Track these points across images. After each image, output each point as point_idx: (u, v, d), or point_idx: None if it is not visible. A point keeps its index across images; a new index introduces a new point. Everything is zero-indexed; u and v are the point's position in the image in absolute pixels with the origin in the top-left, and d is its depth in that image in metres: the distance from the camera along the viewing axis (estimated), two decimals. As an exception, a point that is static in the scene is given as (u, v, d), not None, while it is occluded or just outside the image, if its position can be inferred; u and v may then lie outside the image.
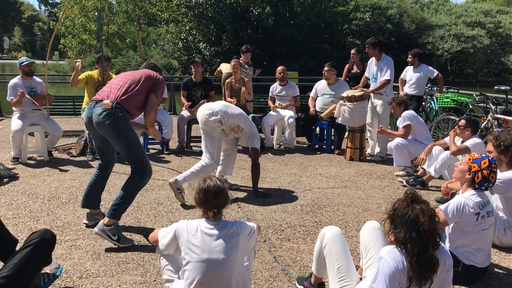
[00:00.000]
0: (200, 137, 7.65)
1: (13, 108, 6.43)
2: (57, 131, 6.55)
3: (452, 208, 3.09)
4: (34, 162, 6.42)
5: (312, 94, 7.88)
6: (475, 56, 32.66)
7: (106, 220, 3.69)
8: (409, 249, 2.26)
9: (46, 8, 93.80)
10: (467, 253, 3.17)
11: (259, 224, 3.76)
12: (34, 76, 6.61)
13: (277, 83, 8.00)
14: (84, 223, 4.14)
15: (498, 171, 3.83)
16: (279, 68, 7.95)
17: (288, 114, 7.60)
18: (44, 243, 2.74)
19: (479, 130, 6.46)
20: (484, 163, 3.13)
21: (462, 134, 5.28)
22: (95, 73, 6.82)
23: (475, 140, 5.19)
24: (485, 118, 7.40)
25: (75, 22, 38.07)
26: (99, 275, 3.25)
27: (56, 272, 3.02)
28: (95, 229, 3.70)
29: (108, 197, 4.91)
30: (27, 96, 6.20)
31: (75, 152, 6.90)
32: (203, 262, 2.49)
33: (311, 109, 7.67)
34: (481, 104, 7.85)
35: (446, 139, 5.65)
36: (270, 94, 8.09)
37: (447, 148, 5.47)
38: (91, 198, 4.11)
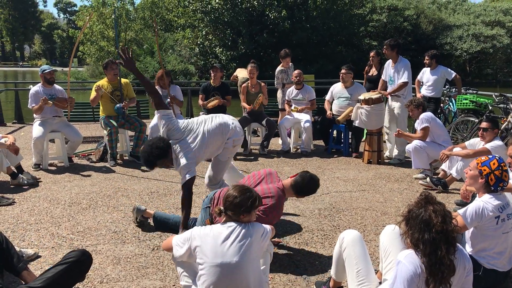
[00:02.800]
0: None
1: (34, 115, 6.55)
2: (77, 137, 6.65)
3: (471, 212, 3.05)
4: (55, 168, 6.53)
5: (327, 97, 7.87)
6: (494, 56, 32.15)
7: None
8: (422, 250, 2.27)
9: (65, 16, 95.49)
10: (488, 257, 3.13)
11: (273, 227, 3.77)
12: (54, 84, 6.74)
13: (293, 86, 8.00)
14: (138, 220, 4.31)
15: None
16: (295, 71, 7.95)
17: (304, 118, 7.58)
18: (80, 263, 2.82)
19: (499, 131, 6.37)
20: (494, 164, 3.08)
21: (490, 135, 5.13)
22: (105, 81, 6.89)
23: (496, 142, 5.08)
24: (505, 119, 7.29)
25: (94, 29, 38.60)
26: (120, 280, 3.29)
27: None
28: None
29: (127, 202, 4.97)
30: (49, 101, 6.34)
31: (94, 158, 6.99)
32: (217, 266, 2.51)
33: (328, 112, 7.66)
34: (501, 105, 7.74)
35: (467, 143, 5.57)
36: (286, 98, 8.09)
37: None
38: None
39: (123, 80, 6.97)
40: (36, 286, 2.63)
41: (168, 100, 7.17)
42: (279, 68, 8.46)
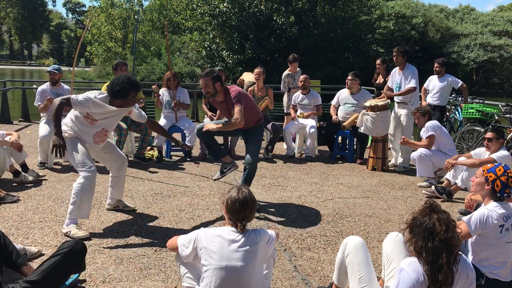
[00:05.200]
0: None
1: (41, 114, 6.61)
2: (83, 137, 6.67)
3: (475, 220, 3.04)
4: (60, 167, 6.55)
5: (334, 102, 7.88)
6: (501, 65, 32.13)
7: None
8: (424, 258, 2.27)
9: (74, 16, 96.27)
10: (491, 266, 3.11)
11: (279, 232, 3.78)
12: (62, 83, 6.80)
13: (299, 91, 8.00)
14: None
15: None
16: (302, 76, 7.95)
17: (309, 124, 7.58)
18: (73, 253, 2.86)
19: (505, 141, 6.35)
20: (500, 170, 3.08)
21: (495, 146, 5.13)
22: None
23: (503, 152, 5.06)
24: (511, 129, 7.27)
25: (102, 30, 38.85)
26: (122, 280, 3.30)
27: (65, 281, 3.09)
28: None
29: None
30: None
31: (99, 158, 7.01)
32: (222, 269, 2.51)
33: (334, 117, 7.66)
34: (507, 115, 7.72)
35: (472, 152, 5.55)
36: (292, 103, 8.09)
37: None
38: None
39: None
40: (31, 280, 2.67)
41: (173, 104, 7.19)
42: (286, 72, 8.47)
